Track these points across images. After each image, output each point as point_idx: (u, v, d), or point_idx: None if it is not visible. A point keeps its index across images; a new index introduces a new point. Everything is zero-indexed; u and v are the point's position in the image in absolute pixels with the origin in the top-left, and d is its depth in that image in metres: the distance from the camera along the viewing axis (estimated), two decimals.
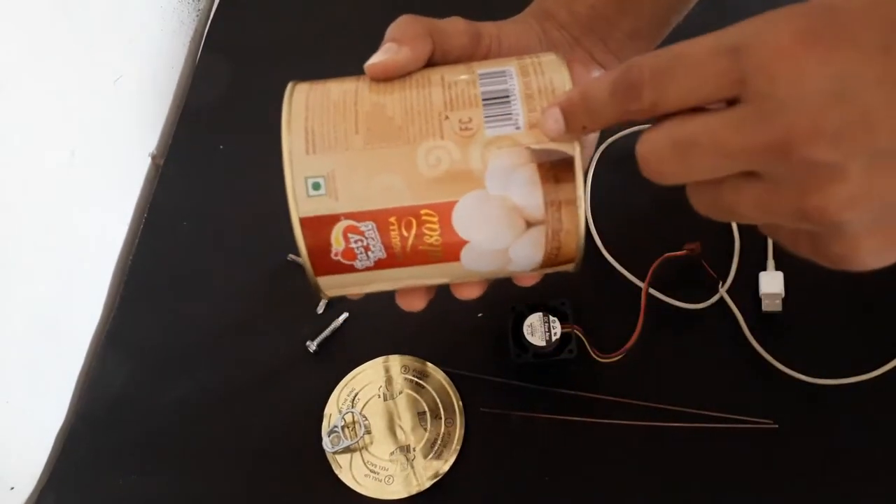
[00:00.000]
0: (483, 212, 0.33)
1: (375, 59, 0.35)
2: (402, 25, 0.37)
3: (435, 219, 0.33)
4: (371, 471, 0.55)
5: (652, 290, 0.59)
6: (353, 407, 0.58)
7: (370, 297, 0.62)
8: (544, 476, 0.55)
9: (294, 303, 0.62)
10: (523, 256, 0.35)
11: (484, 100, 0.34)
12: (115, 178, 0.70)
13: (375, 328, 0.61)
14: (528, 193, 0.33)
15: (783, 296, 0.59)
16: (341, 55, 0.66)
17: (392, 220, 0.33)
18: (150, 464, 0.57)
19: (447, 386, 0.58)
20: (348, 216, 0.33)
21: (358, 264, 0.34)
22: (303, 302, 0.62)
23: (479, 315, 0.61)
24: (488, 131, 0.33)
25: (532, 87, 0.34)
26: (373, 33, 0.43)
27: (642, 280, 0.61)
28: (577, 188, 0.33)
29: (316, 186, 0.34)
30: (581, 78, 0.34)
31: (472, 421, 0.57)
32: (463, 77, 0.35)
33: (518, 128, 0.33)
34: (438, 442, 0.56)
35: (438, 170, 0.33)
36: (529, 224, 0.34)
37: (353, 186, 0.33)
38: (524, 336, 0.55)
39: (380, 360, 0.59)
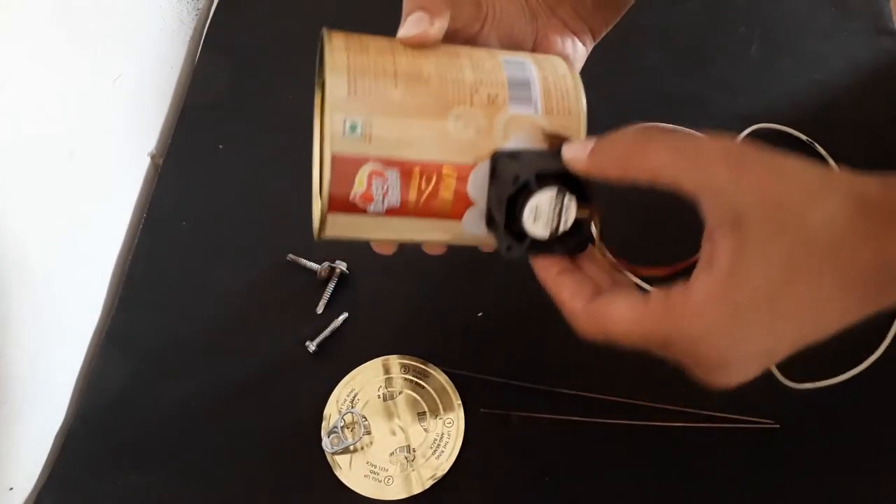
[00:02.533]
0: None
1: (410, 32, 0.38)
2: None
3: (453, 177, 0.36)
4: (371, 471, 0.55)
5: (650, 288, 0.59)
6: (352, 407, 0.58)
7: (369, 297, 0.62)
8: (544, 476, 0.55)
9: (294, 303, 0.62)
10: None
11: (509, 82, 0.38)
12: (114, 177, 0.70)
13: (375, 328, 0.61)
14: None
15: None
16: None
17: (416, 170, 0.36)
18: (150, 464, 0.57)
19: (447, 386, 0.58)
20: (377, 160, 0.36)
21: (371, 209, 0.37)
22: (302, 302, 0.62)
23: (479, 315, 0.61)
24: (512, 109, 0.37)
25: (548, 82, 0.38)
26: (372, 32, 0.43)
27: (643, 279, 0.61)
28: None
29: (353, 128, 0.35)
30: (556, 47, 0.43)
31: (472, 421, 0.57)
32: (489, 61, 0.38)
33: (536, 111, 0.37)
34: (438, 442, 0.56)
35: (465, 134, 0.36)
36: None
37: (386, 134, 0.36)
38: (522, 221, 0.37)
39: (379, 360, 0.59)
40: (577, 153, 0.36)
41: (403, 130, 0.36)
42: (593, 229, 0.39)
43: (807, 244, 0.30)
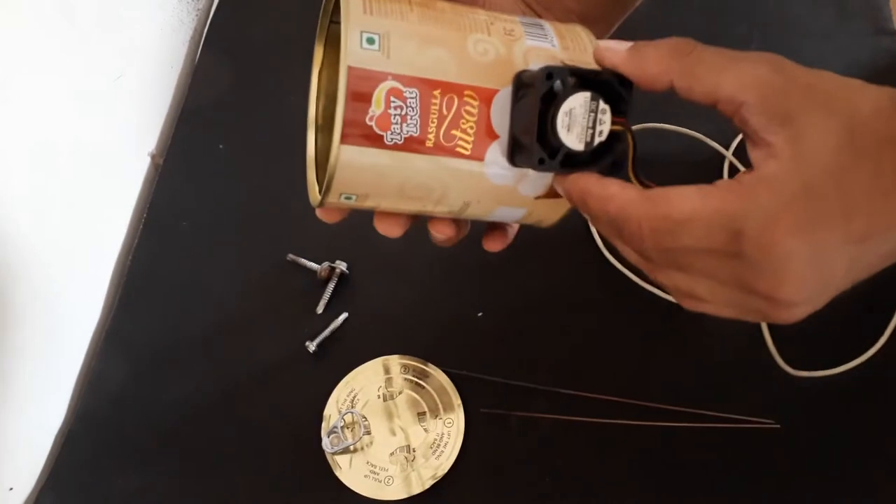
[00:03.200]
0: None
1: None
2: None
3: (475, 103, 0.34)
4: (371, 471, 0.55)
5: (650, 287, 0.59)
6: (352, 407, 0.58)
7: (369, 298, 0.62)
8: (545, 476, 0.55)
9: (294, 303, 0.62)
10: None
11: (522, 23, 0.37)
12: (114, 177, 0.69)
13: (374, 329, 0.61)
14: None
15: None
16: None
17: (436, 92, 0.34)
18: (150, 464, 0.57)
19: (447, 386, 0.58)
20: (396, 77, 0.33)
21: (388, 136, 0.34)
22: (302, 302, 0.62)
23: (479, 315, 0.61)
24: (528, 41, 0.35)
25: (559, 27, 0.37)
26: None
27: (640, 279, 0.61)
28: None
29: (370, 41, 0.33)
30: None
31: (471, 421, 0.57)
32: (501, 14, 0.37)
33: (554, 46, 0.36)
34: (438, 442, 0.56)
35: (486, 58, 0.34)
36: None
37: (405, 50, 0.33)
38: (556, 128, 0.33)
39: (379, 360, 0.59)
40: (614, 46, 0.33)
41: (423, 49, 0.34)
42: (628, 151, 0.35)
43: (862, 130, 0.30)
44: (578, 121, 0.33)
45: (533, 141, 0.33)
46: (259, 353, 0.61)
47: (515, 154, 0.35)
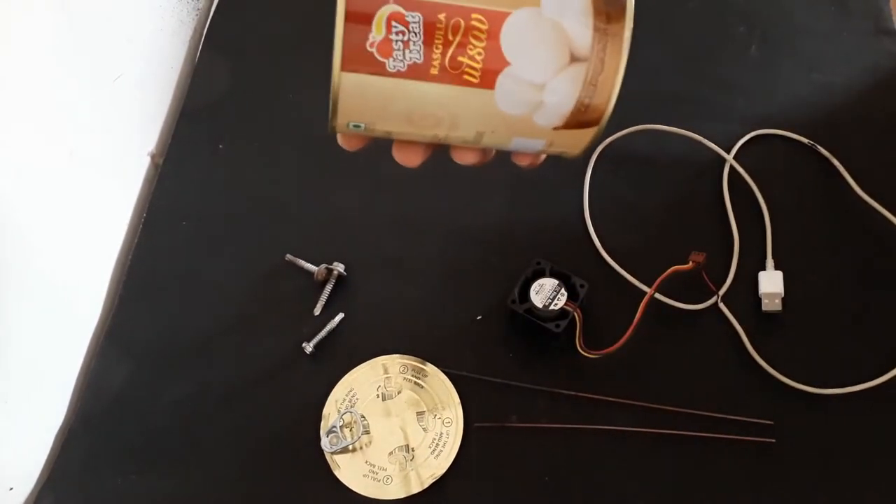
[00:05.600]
0: (533, 31, 0.32)
1: None
2: None
3: (484, 28, 0.32)
4: (370, 470, 0.55)
5: (650, 289, 0.59)
6: (351, 407, 0.58)
7: (367, 299, 0.62)
8: (543, 476, 0.55)
9: (292, 304, 0.63)
10: (557, 97, 0.34)
11: None
12: (114, 177, 0.70)
13: (372, 329, 0.61)
14: (580, 22, 0.33)
15: (783, 295, 0.59)
16: None
17: (441, 17, 0.32)
18: (149, 464, 0.57)
19: (446, 386, 0.58)
20: (398, 0, 0.32)
21: (390, 65, 0.32)
22: (301, 303, 0.62)
23: (479, 318, 0.61)
24: None
25: None
26: None
27: (639, 279, 0.61)
28: (625, 28, 0.33)
29: None
30: None
31: (470, 420, 0.57)
32: None
33: None
34: (437, 442, 0.56)
35: None
36: (573, 59, 0.33)
37: None
38: (530, 290, 0.57)
39: (378, 359, 0.59)
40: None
41: None
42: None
43: None
44: (546, 291, 0.57)
45: (516, 291, 0.57)
46: (259, 353, 0.61)
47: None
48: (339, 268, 0.63)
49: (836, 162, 0.66)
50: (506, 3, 0.32)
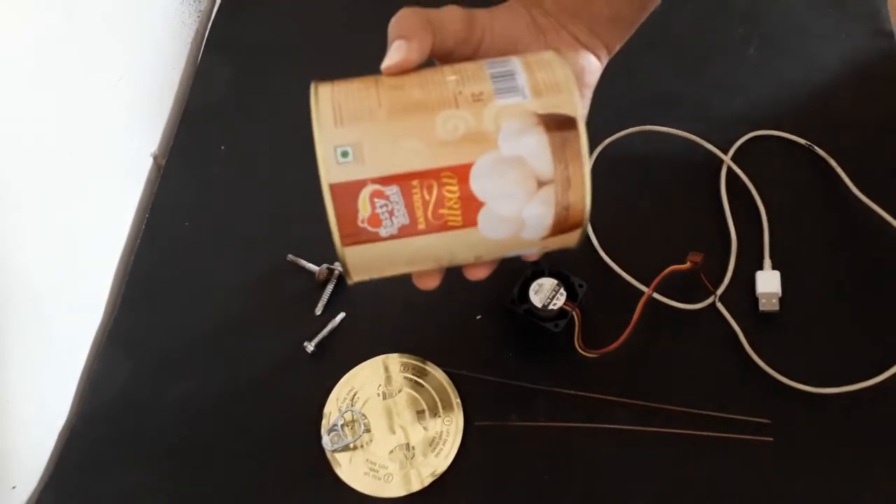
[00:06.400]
0: (498, 172, 0.36)
1: (391, 61, 0.39)
2: (404, 20, 0.40)
3: (454, 181, 0.36)
4: (370, 469, 0.56)
5: (649, 289, 0.60)
6: (352, 405, 0.58)
7: (368, 299, 0.63)
8: (543, 475, 0.55)
9: (293, 304, 0.63)
10: (535, 218, 0.37)
11: (492, 77, 0.38)
12: (116, 178, 0.70)
13: (372, 328, 0.61)
14: (538, 152, 0.36)
15: (780, 295, 0.60)
16: (341, 55, 0.66)
17: (415, 182, 0.36)
18: (151, 463, 0.58)
19: (446, 385, 0.58)
20: (374, 181, 0.36)
21: (383, 231, 0.36)
22: (302, 303, 0.63)
23: (478, 317, 0.61)
24: (499, 100, 0.37)
25: (532, 65, 0.38)
26: (372, 32, 0.44)
27: (637, 279, 0.61)
28: (580, 144, 0.36)
29: (344, 154, 0.36)
30: (568, 59, 0.41)
31: (470, 420, 0.57)
32: (471, 66, 0.39)
33: (525, 97, 0.37)
34: (437, 440, 0.56)
35: (456, 135, 0.36)
36: (540, 183, 0.36)
37: (378, 153, 0.36)
38: (529, 290, 0.57)
39: (379, 358, 0.60)
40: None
41: (395, 146, 0.36)
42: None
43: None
44: (545, 291, 0.57)
45: (515, 292, 0.58)
46: (259, 353, 0.61)
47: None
48: (340, 268, 0.63)
49: (833, 162, 0.66)
50: (468, 154, 0.36)
